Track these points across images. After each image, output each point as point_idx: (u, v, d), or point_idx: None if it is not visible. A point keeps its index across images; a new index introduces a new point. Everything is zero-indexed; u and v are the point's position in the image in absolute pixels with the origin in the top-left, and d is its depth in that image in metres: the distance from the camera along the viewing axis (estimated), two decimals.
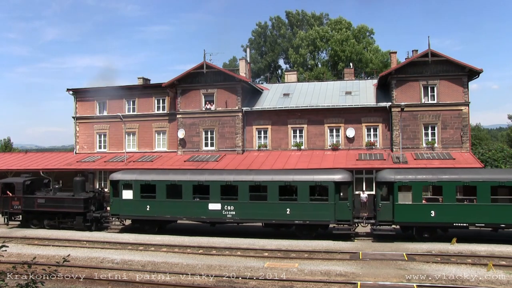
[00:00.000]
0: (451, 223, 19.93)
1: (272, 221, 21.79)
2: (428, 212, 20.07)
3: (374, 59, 53.44)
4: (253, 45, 62.72)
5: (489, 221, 19.61)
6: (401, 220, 20.46)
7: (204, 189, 22.61)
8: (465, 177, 20.28)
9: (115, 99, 36.15)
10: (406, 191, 20.42)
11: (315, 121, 31.93)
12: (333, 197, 20.74)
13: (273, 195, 21.41)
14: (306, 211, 21.01)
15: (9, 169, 33.44)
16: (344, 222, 21.01)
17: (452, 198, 20.01)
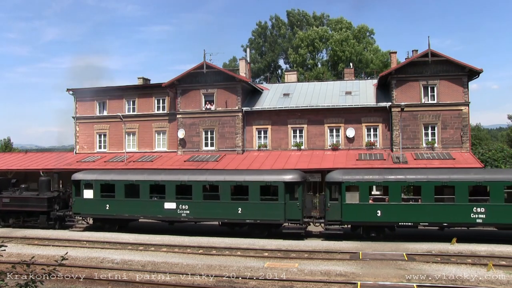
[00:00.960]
0: (397, 222, 20.52)
1: (224, 220, 22.46)
2: (375, 212, 20.57)
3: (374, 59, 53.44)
4: (253, 45, 62.71)
5: (433, 220, 20.17)
6: (349, 220, 20.99)
7: (160, 188, 23.33)
8: (410, 178, 20.83)
9: (115, 99, 36.16)
10: (354, 191, 20.90)
11: (315, 121, 31.93)
12: (283, 197, 21.30)
13: (226, 195, 22.14)
14: (257, 210, 21.60)
15: (9, 169, 33.45)
16: (295, 222, 21.55)
17: (398, 198, 20.52)
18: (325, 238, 21.74)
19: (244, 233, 22.53)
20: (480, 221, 19.70)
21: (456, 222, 20.21)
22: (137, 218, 24.86)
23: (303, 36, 56.72)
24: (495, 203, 19.52)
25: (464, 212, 19.77)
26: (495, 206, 19.53)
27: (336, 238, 21.24)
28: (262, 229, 22.23)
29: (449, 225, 20.43)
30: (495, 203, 19.53)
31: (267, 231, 22.19)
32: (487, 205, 19.65)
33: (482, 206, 19.66)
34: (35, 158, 36.77)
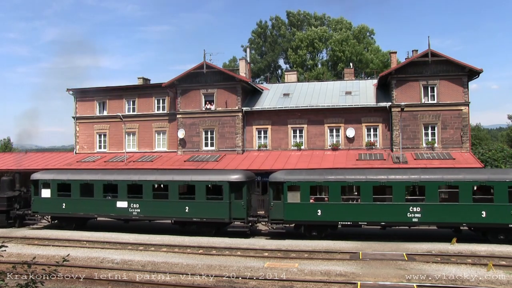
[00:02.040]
0: (336, 221, 21.14)
1: (173, 218, 23.44)
2: (315, 211, 21.14)
3: (374, 59, 53.44)
4: (253, 45, 62.69)
5: (372, 219, 20.74)
6: (290, 219, 21.55)
7: (113, 188, 24.28)
8: (349, 178, 21.39)
9: (115, 99, 36.17)
10: (295, 191, 21.42)
11: (315, 121, 31.93)
12: (228, 196, 22.07)
13: (174, 194, 22.98)
14: (203, 209, 22.42)
15: (9, 169, 33.42)
16: (239, 220, 22.26)
17: (338, 197, 21.04)
18: (272, 237, 22.36)
19: (193, 231, 23.21)
20: (416, 220, 20.30)
21: (393, 221, 20.82)
22: (91, 217, 25.56)
23: (303, 36, 56.71)
24: (430, 202, 20.09)
25: (401, 211, 20.34)
26: (430, 206, 20.12)
27: (281, 236, 21.98)
28: (209, 227, 22.91)
29: (387, 224, 21.07)
30: (430, 203, 20.10)
31: (214, 229, 22.89)
32: (423, 205, 20.22)
33: (418, 205, 20.24)
34: (35, 158, 36.77)
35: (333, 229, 22.03)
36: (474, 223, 19.97)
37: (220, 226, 23.01)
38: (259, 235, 23.22)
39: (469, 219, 19.83)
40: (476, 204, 19.82)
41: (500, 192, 19.59)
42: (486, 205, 19.72)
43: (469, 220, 19.87)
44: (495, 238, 19.86)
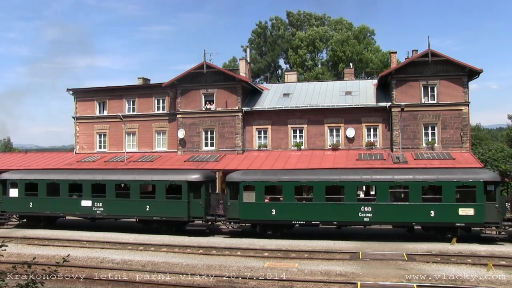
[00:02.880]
0: (290, 221, 21.56)
1: (134, 217, 24.20)
2: (270, 210, 21.59)
3: (374, 59, 53.42)
4: (253, 45, 62.65)
5: (325, 218, 21.19)
6: (246, 218, 22.03)
7: (78, 187, 24.94)
8: (302, 178, 21.94)
9: (115, 99, 36.17)
10: (250, 191, 21.88)
11: (315, 121, 31.93)
12: (187, 196, 22.64)
13: (135, 193, 23.66)
14: (163, 208, 23.06)
15: (9, 169, 33.38)
16: (198, 219, 22.95)
17: (291, 197, 21.43)
18: (231, 235, 22.96)
19: (154, 229, 23.96)
20: (367, 220, 20.74)
21: (346, 221, 21.30)
22: (58, 215, 26.12)
23: (303, 36, 56.69)
24: (381, 202, 20.51)
25: (353, 211, 20.76)
26: (381, 206, 20.54)
27: (240, 235, 22.71)
28: (169, 226, 23.61)
29: (340, 223, 21.60)
30: (381, 203, 20.53)
31: (174, 228, 23.60)
32: (374, 205, 20.65)
33: (370, 205, 20.70)
34: (35, 158, 36.77)
35: (289, 228, 22.54)
36: (424, 222, 20.52)
37: (179, 225, 23.69)
38: (219, 233, 23.73)
39: (419, 218, 20.30)
40: (425, 204, 20.20)
41: (448, 192, 20.03)
42: (435, 205, 20.14)
43: (418, 219, 20.36)
44: (444, 237, 20.35)
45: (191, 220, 23.16)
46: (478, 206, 19.75)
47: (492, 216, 19.76)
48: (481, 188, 19.84)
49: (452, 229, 20.26)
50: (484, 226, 20.15)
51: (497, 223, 19.91)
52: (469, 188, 20.12)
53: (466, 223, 19.92)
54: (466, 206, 19.85)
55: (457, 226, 19.99)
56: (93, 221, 26.50)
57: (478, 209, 19.73)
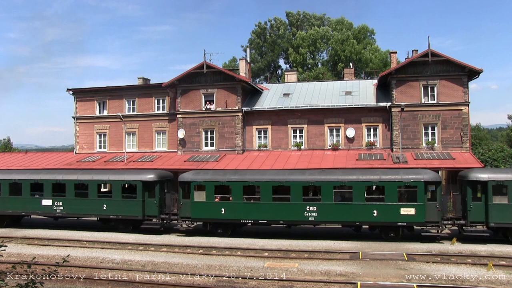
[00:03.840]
0: (239, 220, 22.07)
1: (92, 215, 24.87)
2: (219, 210, 22.17)
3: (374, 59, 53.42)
4: (253, 45, 62.66)
5: (271, 218, 21.70)
6: (197, 217, 22.64)
7: (39, 187, 25.53)
8: (250, 178, 22.42)
9: (115, 99, 36.17)
10: (201, 190, 22.56)
11: (315, 121, 31.93)
12: (141, 195, 23.36)
13: (93, 193, 24.44)
14: (119, 207, 23.85)
15: (9, 169, 33.38)
16: (153, 217, 23.66)
17: (240, 197, 22.01)
18: (187, 234, 23.66)
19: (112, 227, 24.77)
20: (312, 219, 21.22)
21: (292, 220, 21.77)
22: (20, 214, 26.41)
23: (305, 35, 56.69)
24: (326, 202, 21.02)
25: (298, 210, 21.25)
26: (325, 205, 21.05)
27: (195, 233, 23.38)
28: (126, 224, 24.29)
29: (285, 222, 21.99)
30: (325, 202, 21.03)
31: (131, 226, 24.23)
32: (319, 204, 21.16)
33: (315, 205, 21.17)
34: (35, 158, 36.76)
35: (239, 227, 23.14)
36: (367, 221, 20.94)
37: (135, 223, 24.30)
38: (174, 232, 24.38)
39: (362, 218, 20.73)
40: (369, 204, 20.65)
41: (390, 192, 20.47)
42: (378, 205, 20.58)
43: (362, 219, 20.79)
44: (387, 236, 20.84)
45: (146, 219, 23.76)
46: (419, 206, 20.18)
47: (433, 215, 20.26)
48: (422, 188, 20.25)
49: (395, 228, 20.76)
50: (425, 225, 20.56)
51: (437, 222, 20.36)
52: (411, 188, 20.62)
53: (408, 222, 20.36)
54: (408, 205, 20.33)
55: (399, 225, 20.48)
56: (56, 220, 27.06)
57: (419, 208, 20.16)
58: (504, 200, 19.88)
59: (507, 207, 19.71)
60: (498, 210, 19.75)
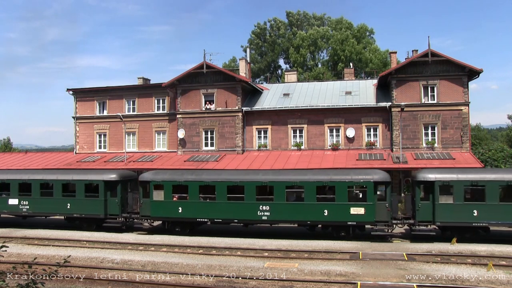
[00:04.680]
0: (195, 218, 22.60)
1: (56, 214, 25.40)
2: (177, 208, 22.77)
3: (374, 58, 53.42)
4: (253, 45, 62.65)
5: (226, 217, 22.23)
6: (156, 215, 23.28)
7: (6, 186, 26.09)
8: (206, 178, 22.98)
9: (115, 99, 36.18)
10: (160, 190, 23.16)
11: (315, 121, 31.93)
12: (103, 194, 24.04)
13: (58, 192, 24.95)
14: (82, 206, 24.46)
15: (9, 169, 33.39)
16: (115, 216, 24.30)
17: (196, 196, 22.56)
18: (148, 232, 24.16)
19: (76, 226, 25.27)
20: (265, 218, 21.69)
21: (246, 219, 22.27)
22: None
23: (305, 35, 56.70)
24: (278, 201, 21.49)
25: (251, 209, 21.73)
26: (278, 205, 21.52)
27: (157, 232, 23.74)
28: (89, 223, 24.89)
29: (240, 221, 22.49)
30: (278, 202, 21.51)
31: (94, 224, 24.85)
32: (271, 204, 21.60)
33: (267, 204, 21.60)
34: (35, 158, 36.77)
35: (197, 225, 23.76)
36: (318, 221, 21.35)
37: (98, 222, 24.81)
38: (136, 230, 24.99)
39: (313, 217, 21.15)
40: (319, 203, 21.08)
41: (340, 192, 20.89)
42: (328, 204, 21.03)
43: (313, 218, 21.21)
44: (338, 235, 21.26)
45: (108, 217, 24.33)
46: (369, 206, 20.53)
47: (382, 215, 20.60)
48: (371, 188, 20.59)
49: (345, 227, 21.12)
50: (375, 224, 20.84)
51: (387, 222, 20.72)
52: (361, 189, 21.08)
53: (358, 222, 20.72)
54: (357, 205, 20.68)
55: (349, 224, 20.84)
56: (24, 219, 27.43)
57: (369, 208, 20.50)
58: (449, 199, 20.28)
59: (453, 207, 20.15)
60: (444, 209, 20.19)
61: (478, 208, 19.87)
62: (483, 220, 19.80)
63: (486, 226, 20.22)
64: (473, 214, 19.84)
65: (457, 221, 20.06)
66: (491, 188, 19.89)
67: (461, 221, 20.02)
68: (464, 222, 20.03)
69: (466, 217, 19.91)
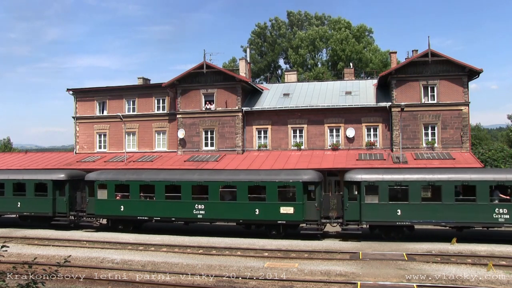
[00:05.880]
0: (136, 217, 23.59)
1: (8, 213, 26.18)
2: (119, 207, 23.79)
3: (374, 58, 53.42)
4: (253, 45, 62.66)
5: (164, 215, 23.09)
6: (100, 213, 24.26)
7: None
8: (146, 178, 23.88)
9: (115, 99, 36.18)
10: (104, 189, 24.17)
11: (315, 121, 31.93)
12: (52, 193, 24.90)
13: (9, 191, 25.76)
14: (32, 204, 25.25)
15: (9, 169, 33.38)
16: (63, 214, 25.11)
17: (136, 195, 23.62)
18: (96, 230, 25.09)
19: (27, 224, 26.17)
20: (201, 217, 22.59)
21: (182, 217, 23.17)
22: None
23: (304, 36, 56.71)
24: (212, 200, 22.45)
25: (188, 208, 22.66)
26: (212, 204, 22.41)
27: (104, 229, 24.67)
28: (40, 221, 25.66)
29: (177, 219, 23.35)
30: (212, 201, 22.44)
31: (44, 222, 25.54)
32: (206, 203, 22.49)
33: (202, 203, 22.54)
34: (35, 158, 36.77)
35: (139, 223, 24.50)
36: (250, 219, 22.02)
37: (47, 220, 25.43)
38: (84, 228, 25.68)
39: (245, 216, 21.92)
40: (251, 203, 21.87)
41: (271, 192, 21.56)
42: (259, 204, 21.77)
43: (245, 217, 21.96)
44: (270, 233, 21.90)
45: (56, 216, 25.07)
46: (298, 205, 21.17)
47: (311, 214, 21.24)
48: (300, 188, 21.19)
49: (276, 226, 21.73)
50: (305, 223, 21.47)
51: (316, 221, 21.31)
52: (290, 188, 21.82)
53: (287, 221, 21.36)
54: (287, 205, 21.36)
55: (279, 223, 21.47)
56: None
57: (298, 207, 21.15)
58: (375, 199, 20.73)
59: (378, 206, 20.61)
60: (370, 209, 20.66)
61: (402, 208, 20.39)
62: (406, 219, 20.32)
63: (411, 225, 20.71)
64: (397, 214, 20.34)
65: (382, 220, 20.64)
66: (414, 188, 20.36)
67: (386, 220, 20.56)
68: (388, 221, 20.55)
69: (390, 216, 20.41)
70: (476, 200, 19.86)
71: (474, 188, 19.98)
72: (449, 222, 20.25)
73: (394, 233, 20.84)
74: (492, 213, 19.61)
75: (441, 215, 20.01)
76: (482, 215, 19.69)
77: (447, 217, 19.99)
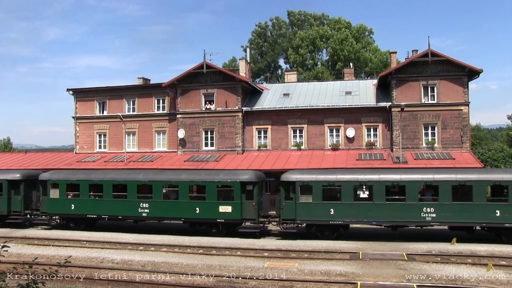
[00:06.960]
0: (85, 215, 24.30)
1: None
2: (70, 205, 24.62)
3: (374, 58, 53.44)
4: (253, 45, 62.67)
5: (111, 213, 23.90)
6: (53, 212, 25.05)
7: None
8: (94, 177, 24.71)
9: (115, 99, 36.18)
10: (56, 188, 24.93)
11: (315, 121, 31.93)
12: (7, 193, 25.67)
13: None
14: None
15: (9, 169, 33.37)
16: (18, 213, 25.84)
17: (86, 194, 24.42)
18: (51, 227, 25.84)
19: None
20: (145, 215, 23.48)
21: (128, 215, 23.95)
22: None
23: (304, 35, 56.73)
24: (156, 199, 23.22)
25: (133, 207, 23.43)
26: (155, 202, 23.23)
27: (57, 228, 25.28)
28: None
29: (123, 217, 24.15)
30: (155, 200, 23.22)
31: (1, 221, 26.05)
32: (150, 201, 23.27)
33: (147, 202, 23.35)
34: (35, 158, 36.76)
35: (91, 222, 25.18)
36: (190, 218, 22.79)
37: (2, 218, 26.03)
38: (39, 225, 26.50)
39: (186, 214, 22.76)
40: (192, 202, 22.84)
41: (210, 191, 22.43)
42: (200, 203, 22.67)
43: (186, 215, 22.80)
44: (210, 231, 22.55)
45: (11, 214, 25.79)
46: (236, 204, 21.96)
47: (249, 213, 21.93)
48: (238, 188, 21.97)
49: (216, 225, 22.43)
50: (243, 221, 22.24)
51: (254, 219, 22.00)
52: (228, 188, 22.43)
53: (226, 219, 22.08)
54: (225, 204, 22.15)
55: (218, 221, 22.20)
56: None
57: (236, 206, 21.94)
58: (309, 199, 21.33)
59: (312, 206, 21.21)
60: (304, 208, 21.26)
61: (334, 207, 20.96)
62: (339, 219, 20.88)
63: (344, 224, 21.23)
64: (330, 213, 20.89)
65: (316, 219, 21.20)
66: (346, 188, 20.93)
67: (319, 219, 21.13)
68: (322, 220, 21.11)
69: (323, 216, 20.95)
70: (405, 199, 20.39)
71: (404, 188, 20.54)
72: (381, 222, 20.81)
73: (329, 232, 21.32)
74: (420, 212, 20.13)
75: (373, 214, 20.58)
76: (411, 214, 20.25)
77: (379, 216, 20.57)
